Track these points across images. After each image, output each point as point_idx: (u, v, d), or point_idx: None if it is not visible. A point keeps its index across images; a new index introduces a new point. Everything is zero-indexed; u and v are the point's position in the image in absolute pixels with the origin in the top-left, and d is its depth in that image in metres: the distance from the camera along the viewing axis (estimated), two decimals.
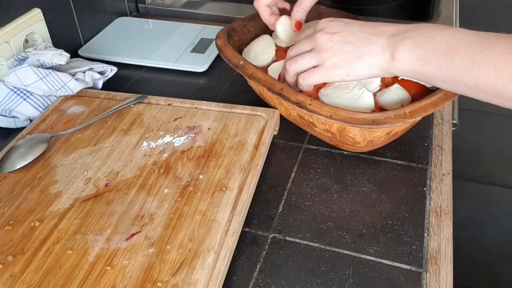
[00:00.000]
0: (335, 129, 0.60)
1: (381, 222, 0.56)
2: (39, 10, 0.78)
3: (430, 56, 0.50)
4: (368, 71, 0.55)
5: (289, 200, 0.59)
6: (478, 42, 0.48)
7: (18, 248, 0.50)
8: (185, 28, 0.97)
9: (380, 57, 0.53)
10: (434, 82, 0.53)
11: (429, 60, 0.50)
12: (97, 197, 0.56)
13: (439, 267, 0.51)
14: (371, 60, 0.54)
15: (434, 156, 0.65)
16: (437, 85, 0.53)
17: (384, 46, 0.53)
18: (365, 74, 0.55)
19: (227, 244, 0.50)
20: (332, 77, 0.56)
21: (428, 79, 0.53)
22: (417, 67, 0.52)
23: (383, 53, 0.53)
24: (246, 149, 0.62)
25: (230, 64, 0.67)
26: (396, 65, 0.52)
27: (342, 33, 0.55)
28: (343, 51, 0.55)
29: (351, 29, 0.55)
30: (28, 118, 0.72)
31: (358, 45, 0.54)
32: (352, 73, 0.55)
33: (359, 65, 0.54)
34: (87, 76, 0.75)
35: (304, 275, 0.51)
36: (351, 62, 0.55)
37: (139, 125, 0.67)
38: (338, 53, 0.55)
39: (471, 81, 0.49)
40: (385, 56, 0.53)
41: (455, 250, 0.54)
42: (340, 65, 0.55)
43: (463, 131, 1.56)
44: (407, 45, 0.51)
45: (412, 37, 0.51)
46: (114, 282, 0.47)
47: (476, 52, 0.48)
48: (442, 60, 0.50)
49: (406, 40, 0.51)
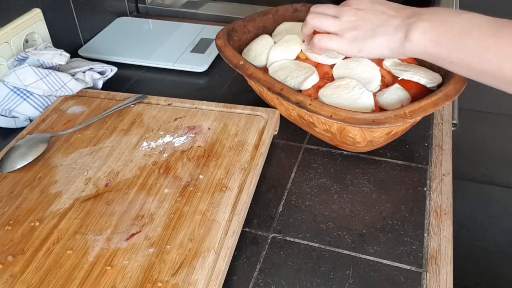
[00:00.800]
0: (335, 129, 0.60)
1: (381, 222, 0.56)
2: (39, 10, 0.78)
3: (443, 38, 0.51)
4: (379, 50, 0.56)
5: (289, 200, 0.59)
6: (491, 27, 0.49)
7: (18, 248, 0.50)
8: (185, 28, 0.97)
9: (392, 37, 0.54)
10: (444, 64, 0.53)
11: (442, 42, 0.51)
12: (97, 197, 0.56)
13: (439, 267, 0.51)
14: (383, 40, 0.55)
15: (434, 156, 0.65)
16: (447, 67, 0.54)
17: (399, 27, 0.54)
18: (375, 53, 0.57)
19: (227, 244, 0.50)
20: (345, 50, 0.58)
21: (438, 61, 0.53)
22: (429, 48, 0.52)
23: (396, 34, 0.54)
24: (246, 149, 0.62)
25: (230, 64, 0.67)
26: (408, 46, 0.53)
27: (365, 11, 0.57)
28: (361, 28, 0.57)
29: (375, 8, 0.57)
30: (28, 118, 0.72)
31: (375, 24, 0.56)
32: (363, 51, 0.57)
33: (371, 43, 0.56)
34: (87, 76, 0.75)
35: (304, 275, 0.51)
36: (365, 40, 0.56)
37: (139, 125, 0.67)
38: (357, 29, 0.57)
39: (480, 64, 0.49)
40: (397, 37, 0.54)
41: (455, 250, 0.54)
42: (356, 41, 0.57)
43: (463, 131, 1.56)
44: (421, 27, 0.52)
45: (427, 19, 0.52)
46: (114, 282, 0.47)
47: (488, 37, 0.48)
48: (454, 42, 0.50)
49: (420, 22, 0.52)
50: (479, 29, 0.49)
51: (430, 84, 0.63)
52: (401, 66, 0.65)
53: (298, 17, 0.80)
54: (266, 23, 0.79)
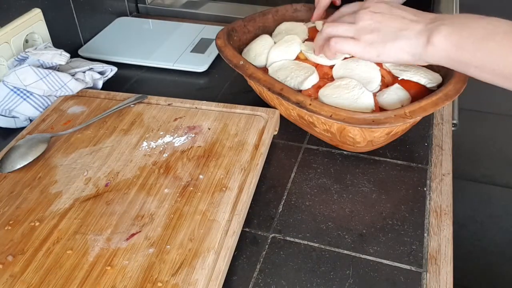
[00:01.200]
0: (335, 129, 0.60)
1: (381, 222, 0.56)
2: (39, 10, 0.78)
3: (466, 42, 0.50)
4: (399, 55, 0.55)
5: (289, 200, 0.59)
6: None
7: (18, 248, 0.50)
8: (185, 28, 0.97)
9: (415, 41, 0.53)
10: (467, 69, 0.52)
11: (464, 46, 0.50)
12: (97, 197, 0.56)
13: (439, 267, 0.51)
14: (404, 44, 0.54)
15: (434, 156, 0.65)
16: (471, 73, 0.53)
17: (421, 31, 0.53)
18: (396, 57, 0.56)
19: (227, 244, 0.50)
20: (363, 53, 0.57)
21: (461, 66, 0.53)
22: (451, 52, 0.51)
23: (418, 38, 0.53)
24: (246, 149, 0.62)
25: (230, 64, 0.67)
26: (431, 51, 0.52)
27: (384, 14, 0.56)
28: (380, 31, 0.56)
29: (393, 12, 0.56)
30: (28, 118, 0.72)
31: (396, 28, 0.55)
32: (383, 54, 0.56)
33: (391, 47, 0.55)
34: (87, 76, 0.75)
35: (304, 275, 0.51)
36: (385, 43, 0.55)
37: (139, 125, 0.67)
38: (375, 32, 0.56)
39: (505, 68, 0.48)
40: (419, 41, 0.53)
41: (455, 250, 0.54)
42: (374, 44, 0.56)
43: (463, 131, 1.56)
44: (443, 31, 0.51)
45: (449, 24, 0.51)
46: (114, 282, 0.47)
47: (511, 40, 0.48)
48: (477, 46, 0.50)
49: (442, 26, 0.52)
50: (503, 32, 0.48)
51: (430, 84, 0.63)
52: (401, 66, 0.65)
53: (298, 17, 0.80)
54: (266, 23, 0.79)
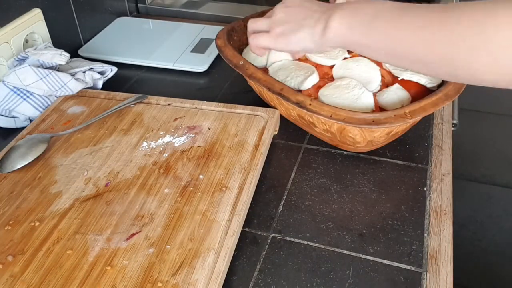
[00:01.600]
0: (335, 129, 0.60)
1: (381, 222, 0.56)
2: (39, 10, 0.78)
3: (357, 24, 0.52)
4: (303, 43, 0.57)
5: (289, 200, 0.59)
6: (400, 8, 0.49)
7: (18, 248, 0.50)
8: (185, 28, 0.97)
9: (314, 29, 0.55)
10: (363, 50, 0.54)
11: (356, 27, 0.52)
12: (97, 197, 0.56)
13: (439, 267, 0.51)
14: (306, 32, 0.56)
15: (434, 156, 0.65)
16: (367, 53, 0.55)
17: (319, 19, 0.55)
18: (301, 46, 0.58)
19: (227, 244, 0.50)
20: (275, 44, 0.60)
21: (357, 48, 0.54)
22: (346, 36, 0.53)
23: (317, 25, 0.55)
24: (246, 149, 0.62)
25: (230, 64, 0.67)
26: (328, 36, 0.54)
27: (294, 7, 0.59)
28: (289, 23, 0.58)
29: (303, 5, 0.59)
30: (28, 118, 0.72)
31: (300, 18, 0.57)
32: (289, 44, 0.58)
33: (296, 36, 0.57)
34: (87, 76, 0.75)
35: (304, 275, 0.51)
36: (291, 33, 0.58)
37: (139, 125, 0.67)
38: (285, 23, 0.59)
39: (396, 46, 0.49)
40: (318, 28, 0.55)
41: (455, 250, 0.54)
42: (282, 35, 0.59)
43: (463, 131, 1.56)
44: (338, 16, 0.53)
45: (344, 9, 0.54)
46: (114, 282, 0.47)
47: (396, 16, 0.49)
48: (366, 26, 0.51)
49: (338, 11, 0.54)
50: (388, 11, 0.50)
51: (430, 84, 0.63)
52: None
53: None
54: None
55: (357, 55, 0.67)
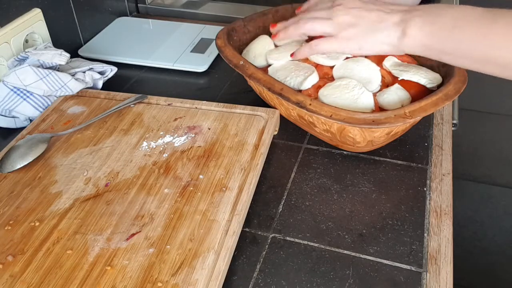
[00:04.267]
0: (335, 129, 0.60)
1: (381, 222, 0.56)
2: (39, 10, 0.78)
3: (438, 31, 0.52)
4: (379, 46, 0.57)
5: (289, 200, 0.59)
6: (484, 17, 0.50)
7: (18, 248, 0.50)
8: (185, 28, 0.97)
9: (392, 33, 0.55)
10: (442, 57, 0.54)
11: (437, 34, 0.52)
12: (97, 197, 0.56)
13: (439, 267, 0.51)
14: (383, 36, 0.56)
15: (434, 156, 0.65)
16: (447, 60, 0.55)
17: (397, 23, 0.55)
18: (377, 49, 0.58)
19: (227, 244, 0.50)
20: (344, 48, 0.59)
21: (436, 54, 0.55)
22: (425, 42, 0.54)
23: (395, 30, 0.55)
24: (246, 149, 0.62)
25: (230, 64, 0.67)
26: (407, 42, 0.55)
27: (359, 9, 0.58)
28: (359, 25, 0.58)
29: (368, 6, 0.58)
30: (28, 118, 0.72)
31: (373, 21, 0.57)
32: (364, 47, 0.58)
33: (372, 39, 0.57)
34: (87, 76, 0.75)
35: (304, 275, 0.51)
36: (365, 36, 0.57)
37: (139, 125, 0.67)
38: (354, 26, 0.58)
39: (475, 51, 0.50)
40: (396, 32, 0.55)
41: (455, 250, 0.54)
42: (354, 38, 0.58)
43: (463, 131, 1.56)
44: (418, 22, 0.54)
45: (422, 15, 0.54)
46: (114, 282, 0.47)
47: (481, 25, 0.49)
48: (449, 33, 0.52)
49: (416, 18, 0.54)
50: (472, 18, 0.50)
51: (430, 84, 0.63)
52: (401, 67, 0.65)
53: None
54: (266, 23, 0.78)
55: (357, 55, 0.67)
